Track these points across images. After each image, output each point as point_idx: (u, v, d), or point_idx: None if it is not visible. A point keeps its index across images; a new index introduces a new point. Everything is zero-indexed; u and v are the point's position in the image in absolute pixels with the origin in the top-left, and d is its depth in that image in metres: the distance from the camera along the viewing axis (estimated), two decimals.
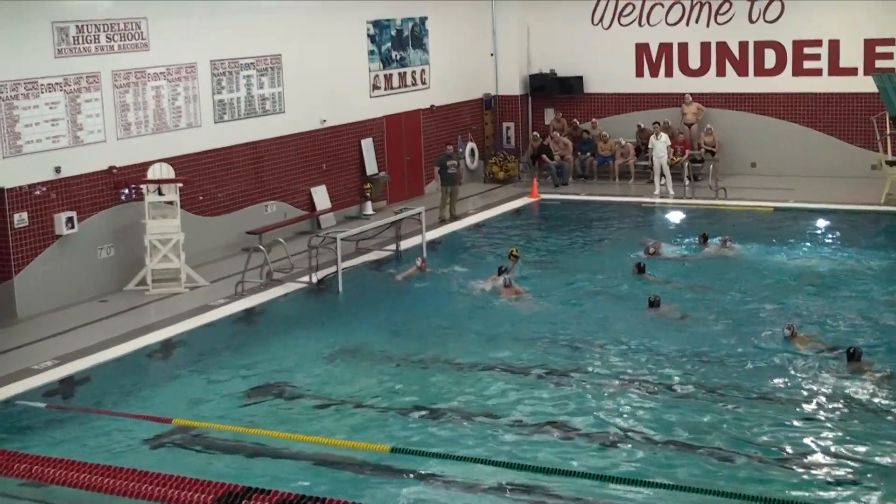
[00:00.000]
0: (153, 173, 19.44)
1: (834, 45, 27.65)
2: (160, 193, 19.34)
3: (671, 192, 26.58)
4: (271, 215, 22.90)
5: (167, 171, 19.58)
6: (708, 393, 13.85)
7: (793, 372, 14.45)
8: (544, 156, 29.24)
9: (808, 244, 21.76)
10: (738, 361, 14.91)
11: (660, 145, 26.77)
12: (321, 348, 16.22)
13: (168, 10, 20.26)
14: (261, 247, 19.57)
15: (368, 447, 12.08)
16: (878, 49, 27.16)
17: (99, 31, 18.93)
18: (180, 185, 19.43)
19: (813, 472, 11.56)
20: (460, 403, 13.75)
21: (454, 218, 24.72)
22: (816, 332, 15.92)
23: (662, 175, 26.80)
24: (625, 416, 13.19)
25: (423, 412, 13.47)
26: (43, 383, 14.73)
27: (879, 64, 26.89)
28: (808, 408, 13.31)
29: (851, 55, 27.45)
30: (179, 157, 20.43)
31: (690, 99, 28.77)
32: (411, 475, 11.56)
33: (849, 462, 11.76)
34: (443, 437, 12.70)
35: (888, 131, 25.83)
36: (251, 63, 22.37)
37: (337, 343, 16.40)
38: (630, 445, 12.30)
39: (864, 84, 26.46)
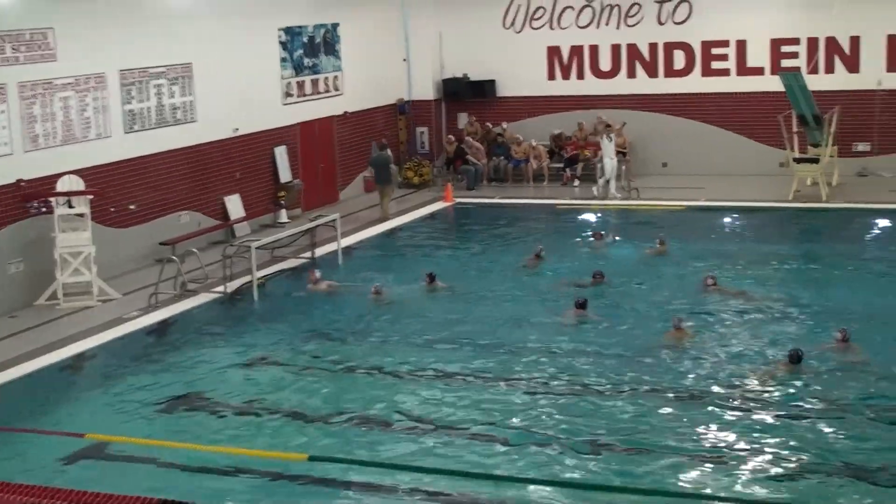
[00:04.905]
0: (62, 186, 19.18)
1: (741, 46, 28.16)
2: (70, 206, 19.09)
3: (600, 192, 26.76)
4: (184, 225, 22.68)
5: (77, 184, 19.33)
6: (632, 391, 13.99)
7: (712, 369, 14.71)
8: (469, 157, 29.19)
9: (719, 241, 22.11)
10: (653, 360, 15.11)
11: (611, 147, 26.68)
12: (237, 358, 16.10)
13: (75, 21, 19.98)
14: (174, 258, 19.40)
15: (285, 456, 12.05)
16: (784, 48, 27.75)
17: (4, 42, 18.61)
18: (90, 197, 19.19)
19: (737, 468, 11.73)
20: (379, 410, 13.74)
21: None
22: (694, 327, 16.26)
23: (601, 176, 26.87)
24: (545, 417, 13.28)
25: (342, 420, 13.43)
26: None
27: (785, 63, 27.45)
28: (734, 406, 13.47)
29: (758, 55, 27.99)
30: (89, 169, 20.16)
31: (615, 126, 28.29)
32: (329, 483, 11.52)
33: (770, 457, 11.98)
34: (362, 443, 12.69)
35: (795, 129, 26.37)
36: (161, 72, 22.15)
37: (253, 352, 16.30)
38: (551, 447, 12.35)
39: (771, 83, 26.97)
